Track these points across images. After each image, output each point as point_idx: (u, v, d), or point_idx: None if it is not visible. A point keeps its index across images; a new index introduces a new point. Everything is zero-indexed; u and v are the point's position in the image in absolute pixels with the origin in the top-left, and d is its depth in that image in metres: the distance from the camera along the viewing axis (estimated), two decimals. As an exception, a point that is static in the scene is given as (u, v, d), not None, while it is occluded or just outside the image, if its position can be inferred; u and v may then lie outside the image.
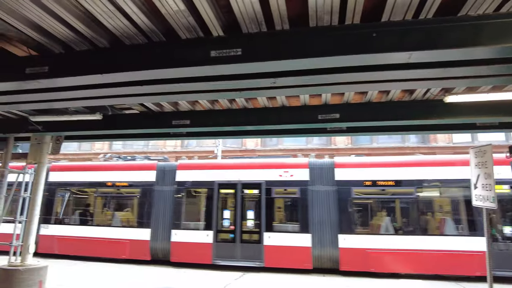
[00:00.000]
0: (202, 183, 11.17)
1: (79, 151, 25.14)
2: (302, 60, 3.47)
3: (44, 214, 11.97)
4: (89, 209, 12.20)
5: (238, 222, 10.52)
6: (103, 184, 12.01)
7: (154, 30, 3.69)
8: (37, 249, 10.74)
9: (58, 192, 12.50)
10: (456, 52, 3.17)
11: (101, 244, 11.27)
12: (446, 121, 5.55)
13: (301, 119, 5.91)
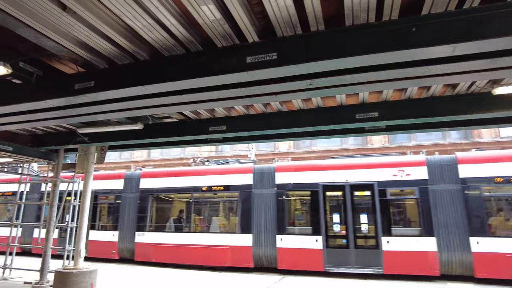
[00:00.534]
0: (305, 185, 10.68)
1: (120, 160, 26.36)
2: (339, 60, 3.43)
3: (139, 222, 12.31)
4: (185, 215, 12.14)
5: (350, 227, 9.91)
6: (198, 189, 11.86)
7: (192, 40, 3.81)
8: (134, 257, 11.89)
9: (151, 199, 12.59)
10: (505, 40, 2.98)
11: (200, 252, 11.09)
12: (495, 115, 5.21)
13: (338, 120, 5.81)
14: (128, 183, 12.98)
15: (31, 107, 5.00)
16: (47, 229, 7.88)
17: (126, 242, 12.36)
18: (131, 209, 12.58)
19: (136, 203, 12.60)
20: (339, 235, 10.01)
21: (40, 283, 7.56)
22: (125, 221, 12.56)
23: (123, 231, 12.50)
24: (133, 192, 12.78)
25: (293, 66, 3.56)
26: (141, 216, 12.40)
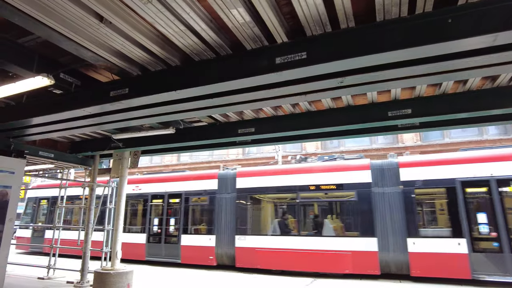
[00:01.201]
0: (438, 181, 9.55)
1: (151, 164, 27.14)
2: (371, 56, 3.35)
3: (239, 224, 11.58)
4: (291, 217, 11.19)
5: (501, 228, 8.65)
6: (305, 188, 10.87)
7: (221, 44, 3.87)
8: (235, 263, 11.12)
9: (249, 199, 11.75)
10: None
11: (313, 257, 10.11)
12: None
13: (369, 118, 5.68)
14: (222, 183, 12.29)
15: (70, 115, 5.27)
16: (86, 231, 8.25)
17: (225, 247, 11.54)
18: (228, 211, 11.86)
19: (233, 204, 11.85)
20: (488, 237, 8.77)
21: (81, 283, 7.91)
22: (222, 224, 11.80)
23: (220, 235, 11.71)
24: (229, 192, 12.06)
25: (323, 65, 3.53)
26: (241, 218, 11.63)
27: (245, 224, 11.56)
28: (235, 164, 24.34)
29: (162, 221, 13.05)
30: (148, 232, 13.12)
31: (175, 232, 12.74)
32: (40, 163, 8.70)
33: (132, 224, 14.13)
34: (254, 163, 23.92)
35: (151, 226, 13.25)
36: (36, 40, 4.41)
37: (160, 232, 12.99)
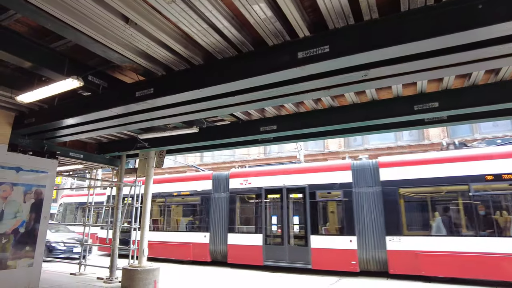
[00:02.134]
0: None
1: (175, 165, 27.66)
2: (395, 48, 3.27)
3: (390, 223, 9.58)
4: (459, 213, 9.17)
5: None
6: (478, 179, 8.76)
7: (243, 41, 3.90)
8: (388, 269, 9.23)
9: (398, 193, 9.75)
10: None
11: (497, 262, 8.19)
12: None
13: (394, 112, 5.54)
14: (360, 175, 10.41)
15: (98, 116, 5.46)
16: (114, 229, 8.52)
17: (372, 250, 9.64)
18: (368, 207, 10.06)
19: (379, 199, 9.97)
20: None
21: (110, 279, 8.17)
22: (365, 222, 9.93)
23: (361, 237, 9.85)
24: (370, 186, 10.21)
25: (346, 58, 3.48)
26: (392, 216, 9.68)
27: (398, 222, 9.55)
28: (256, 164, 24.42)
29: (283, 219, 11.20)
30: (264, 233, 11.35)
31: (302, 232, 10.84)
32: (70, 163, 9.07)
33: (243, 223, 12.41)
34: (275, 162, 23.90)
35: (268, 226, 11.44)
36: (67, 44, 4.62)
37: (282, 233, 11.12)
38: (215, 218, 12.46)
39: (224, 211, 12.39)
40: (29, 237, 6.68)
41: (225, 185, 12.77)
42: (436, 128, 20.01)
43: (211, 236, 12.29)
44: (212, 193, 12.90)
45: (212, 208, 12.62)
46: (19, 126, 6.65)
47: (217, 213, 12.50)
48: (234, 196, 12.42)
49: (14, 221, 6.48)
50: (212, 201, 12.72)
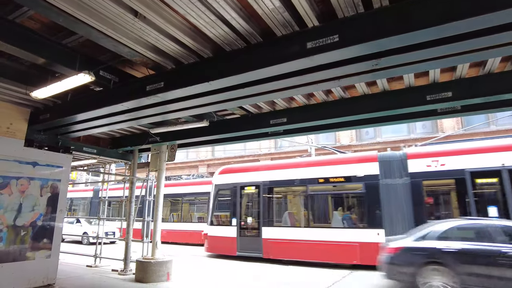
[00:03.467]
0: None
1: (187, 160, 27.92)
2: (407, 35, 3.20)
3: None
4: None
5: None
6: None
7: (252, 32, 3.88)
8: None
9: None
10: None
11: None
12: None
13: (406, 103, 5.45)
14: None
15: (110, 110, 5.54)
16: (127, 222, 8.68)
17: None
18: None
19: None
20: None
21: (124, 271, 8.34)
22: None
23: None
24: None
25: (356, 47, 3.43)
26: None
27: None
28: (267, 158, 24.43)
29: None
30: None
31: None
32: (84, 158, 9.25)
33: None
34: (286, 156, 23.85)
35: None
36: (78, 40, 4.69)
37: None
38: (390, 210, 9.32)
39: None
40: (46, 229, 6.87)
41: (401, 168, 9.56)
42: (450, 120, 19.61)
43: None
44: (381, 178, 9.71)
45: None
46: (35, 121, 6.82)
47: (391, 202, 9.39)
48: None
49: (32, 214, 6.67)
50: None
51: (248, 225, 11.73)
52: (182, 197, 18.02)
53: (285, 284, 7.82)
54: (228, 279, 8.33)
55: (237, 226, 11.78)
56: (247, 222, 11.79)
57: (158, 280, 7.41)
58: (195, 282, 7.85)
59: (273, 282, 8.06)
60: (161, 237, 8.20)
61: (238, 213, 11.88)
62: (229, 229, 11.89)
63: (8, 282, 6.14)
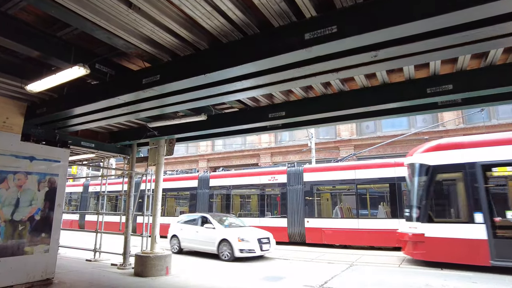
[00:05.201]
0: None
1: (187, 154, 27.92)
2: (406, 25, 3.12)
3: None
4: None
5: None
6: None
7: (248, 23, 3.80)
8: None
9: None
10: None
11: None
12: None
13: (406, 96, 5.38)
14: None
15: (106, 104, 5.48)
16: (126, 217, 8.67)
17: None
18: None
19: None
20: None
21: (123, 265, 8.36)
22: None
23: None
24: None
25: (354, 38, 3.35)
26: None
27: None
28: (267, 153, 24.40)
29: None
30: None
31: None
32: (82, 153, 9.21)
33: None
34: (287, 151, 23.83)
35: None
36: (73, 32, 4.62)
37: None
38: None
39: None
40: (45, 224, 6.85)
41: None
42: (451, 114, 19.52)
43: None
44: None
45: None
46: (31, 116, 6.76)
47: None
48: None
49: (30, 208, 6.65)
50: None
51: (509, 221, 8.26)
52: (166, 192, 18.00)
53: None
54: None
55: (486, 223, 8.26)
56: (507, 217, 8.34)
57: (157, 274, 7.41)
58: (195, 276, 7.85)
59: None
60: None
61: (484, 204, 8.36)
62: (467, 228, 8.47)
63: (7, 276, 6.14)
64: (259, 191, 15.53)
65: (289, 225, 14.06)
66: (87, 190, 21.08)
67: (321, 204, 14.49)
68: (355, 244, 12.74)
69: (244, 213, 16.22)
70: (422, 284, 7.30)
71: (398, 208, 12.29)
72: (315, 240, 13.44)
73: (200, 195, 16.56)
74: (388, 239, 11.95)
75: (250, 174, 16.06)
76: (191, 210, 16.72)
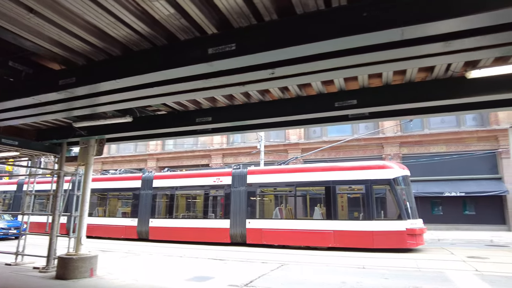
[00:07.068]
0: None
1: (135, 153, 27.19)
2: (298, 47, 3.47)
3: None
4: None
5: None
6: None
7: (155, 35, 3.98)
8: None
9: None
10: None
11: None
12: (474, 99, 5.12)
13: (319, 108, 5.85)
14: None
15: (22, 103, 5.34)
16: (53, 217, 8.38)
17: None
18: None
19: None
20: None
21: (46, 268, 8.07)
22: None
23: None
24: None
25: (251, 56, 3.67)
26: None
27: None
28: (219, 154, 24.54)
29: None
30: None
31: None
32: (6, 150, 8.75)
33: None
34: (238, 152, 24.15)
35: None
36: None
37: None
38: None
39: None
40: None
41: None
42: (391, 123, 21.01)
43: None
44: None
45: None
46: None
47: None
48: None
49: None
50: None
51: None
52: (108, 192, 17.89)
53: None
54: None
55: None
56: None
57: (80, 277, 7.28)
58: (123, 277, 7.81)
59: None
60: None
61: None
62: None
63: None
64: (204, 192, 15.63)
65: (231, 226, 14.29)
66: (21, 189, 19.83)
67: (263, 206, 14.93)
68: (292, 244, 13.30)
69: (188, 214, 16.21)
70: (338, 281, 7.90)
71: (332, 210, 13.06)
72: (255, 240, 13.80)
73: (143, 196, 16.25)
74: (323, 239, 12.68)
75: (195, 175, 16.10)
76: (133, 211, 16.38)
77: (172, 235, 15.08)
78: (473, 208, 20.36)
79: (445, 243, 15.34)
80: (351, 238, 12.35)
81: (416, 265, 9.73)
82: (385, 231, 12.08)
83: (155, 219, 15.78)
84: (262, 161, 20.75)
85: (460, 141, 20.41)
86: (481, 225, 19.65)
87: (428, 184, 20.14)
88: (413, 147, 21.19)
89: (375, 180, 12.61)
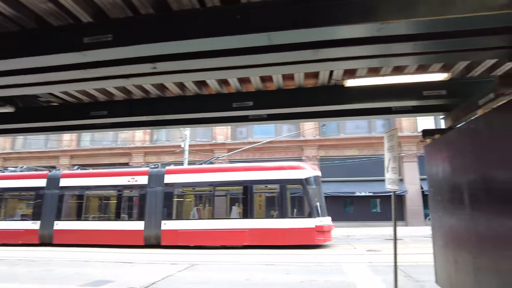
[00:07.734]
0: None
1: (46, 149, 24.58)
2: (174, 43, 3.48)
3: None
4: None
5: None
6: None
7: (21, 17, 3.63)
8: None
9: None
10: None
11: None
12: (355, 106, 5.69)
13: (218, 107, 5.94)
14: None
15: None
16: None
17: None
18: None
19: None
20: None
21: None
22: None
23: None
24: None
25: (129, 48, 3.57)
26: None
27: None
28: (140, 152, 23.45)
29: None
30: None
31: None
32: None
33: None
34: (162, 151, 23.34)
35: None
36: None
37: None
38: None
39: None
40: None
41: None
42: (311, 126, 22.29)
43: None
44: None
45: None
46: None
47: None
48: None
49: None
50: None
51: None
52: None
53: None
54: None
55: None
56: None
57: None
58: None
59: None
60: None
61: None
62: None
63: None
64: (118, 192, 14.79)
65: (145, 228, 13.74)
66: None
67: (182, 206, 14.65)
68: (209, 244, 13.26)
69: (100, 216, 15.17)
70: (243, 279, 8.10)
71: (249, 209, 13.36)
72: (170, 242, 13.45)
73: (48, 196, 14.73)
74: (239, 238, 12.90)
75: (108, 174, 15.15)
76: (35, 213, 14.77)
77: (80, 238, 13.93)
78: (379, 207, 22.64)
79: (352, 239, 16.71)
80: (264, 236, 12.76)
81: (320, 260, 10.46)
82: (295, 229, 12.74)
83: (61, 222, 14.41)
84: (186, 161, 20.36)
85: (370, 146, 22.45)
86: (386, 222, 21.90)
87: (342, 184, 21.81)
88: (329, 150, 22.73)
89: (288, 180, 13.25)
